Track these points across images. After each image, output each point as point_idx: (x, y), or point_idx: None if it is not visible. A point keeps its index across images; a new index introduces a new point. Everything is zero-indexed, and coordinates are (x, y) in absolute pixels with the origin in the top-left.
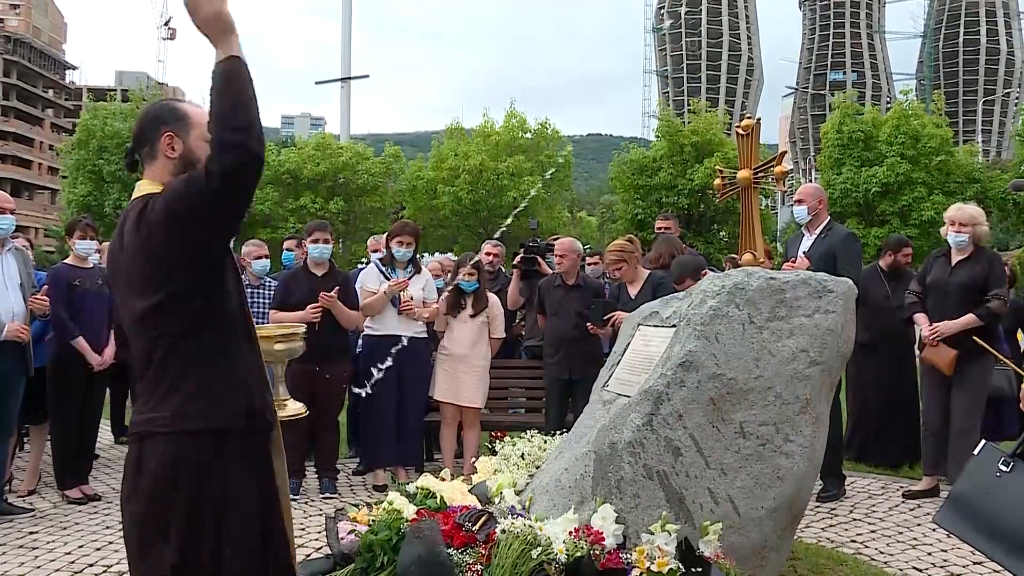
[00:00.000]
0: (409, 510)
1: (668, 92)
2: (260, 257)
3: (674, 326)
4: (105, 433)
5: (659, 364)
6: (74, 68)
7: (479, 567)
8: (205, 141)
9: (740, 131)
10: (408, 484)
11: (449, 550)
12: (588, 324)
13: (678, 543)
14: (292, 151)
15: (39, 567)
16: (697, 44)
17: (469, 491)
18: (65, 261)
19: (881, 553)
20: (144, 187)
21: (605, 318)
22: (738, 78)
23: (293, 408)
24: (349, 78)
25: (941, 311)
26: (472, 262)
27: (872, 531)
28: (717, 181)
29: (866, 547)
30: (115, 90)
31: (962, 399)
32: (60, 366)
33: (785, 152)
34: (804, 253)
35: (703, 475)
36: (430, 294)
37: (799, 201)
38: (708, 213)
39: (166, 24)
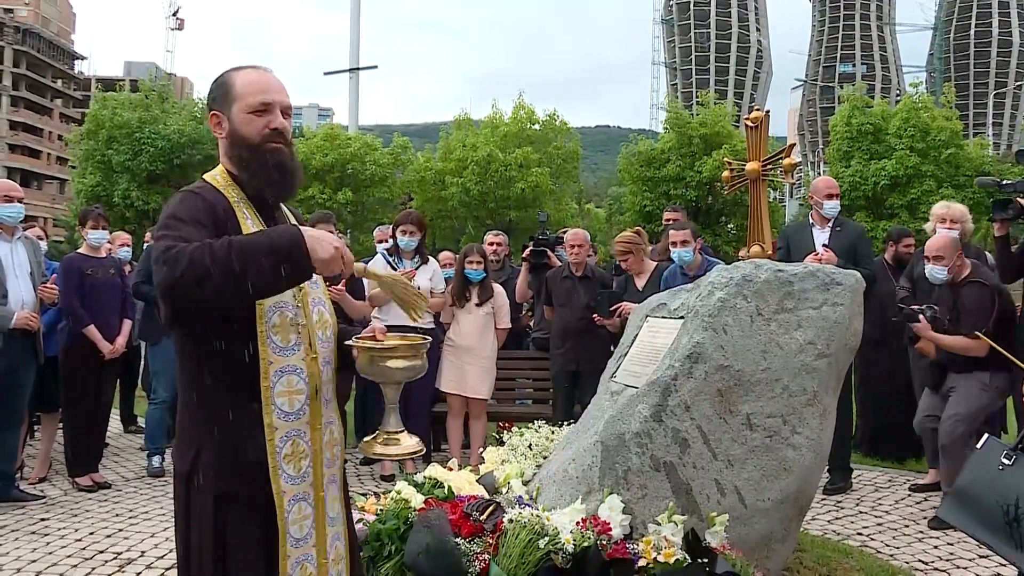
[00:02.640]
0: (417, 499)
1: (676, 84)
2: None
3: (682, 317)
4: (114, 422)
5: (667, 355)
6: (83, 58)
7: (486, 556)
8: (250, 113)
9: (749, 123)
10: (415, 474)
11: (457, 539)
12: (595, 315)
13: (684, 534)
14: (300, 142)
15: (50, 553)
16: (706, 36)
17: (477, 481)
18: (78, 250)
19: (887, 546)
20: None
21: (612, 309)
22: (747, 70)
23: (407, 445)
24: (357, 69)
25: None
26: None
27: (878, 524)
28: (726, 173)
29: (872, 540)
30: (124, 80)
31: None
32: (72, 355)
33: (794, 144)
34: (825, 246)
35: (710, 466)
36: (438, 284)
37: (836, 196)
38: (716, 205)
39: (174, 14)
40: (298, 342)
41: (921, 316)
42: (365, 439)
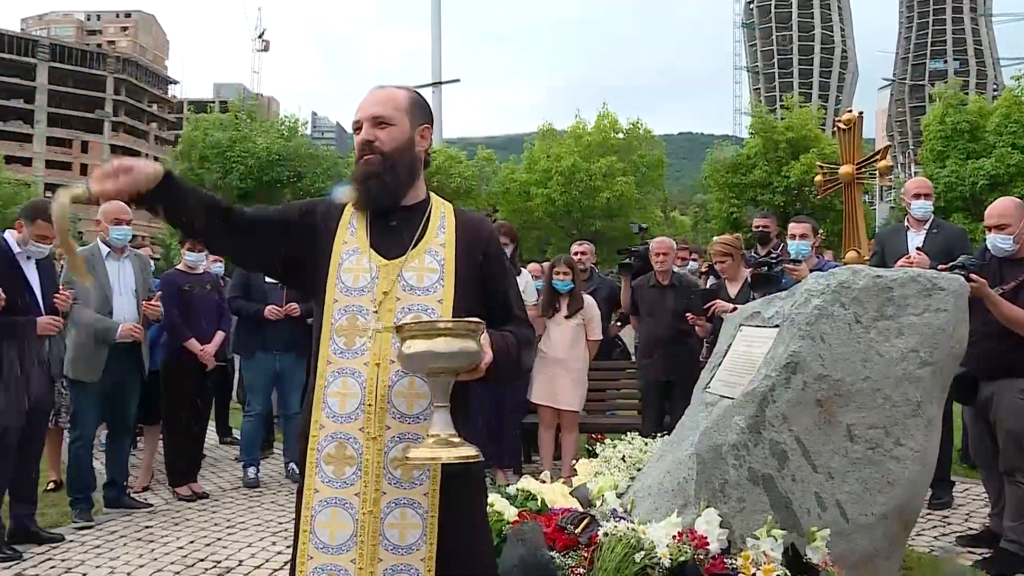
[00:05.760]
0: (510, 512)
1: (759, 88)
2: None
3: (777, 326)
4: (210, 433)
5: (763, 365)
6: (175, 82)
7: (581, 570)
8: (355, 133)
9: (842, 125)
10: (508, 486)
11: (551, 553)
12: (687, 314)
13: (784, 549)
14: None
15: (155, 559)
16: (788, 39)
17: (570, 493)
18: (176, 267)
19: None
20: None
21: (705, 307)
22: (831, 72)
23: (461, 450)
24: (440, 83)
25: None
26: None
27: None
28: (818, 177)
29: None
30: (214, 102)
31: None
32: (172, 369)
33: (889, 146)
34: (919, 249)
35: (810, 479)
36: (529, 296)
37: (925, 196)
38: (805, 210)
39: (260, 36)
40: (365, 347)
41: (972, 273)
42: (411, 447)
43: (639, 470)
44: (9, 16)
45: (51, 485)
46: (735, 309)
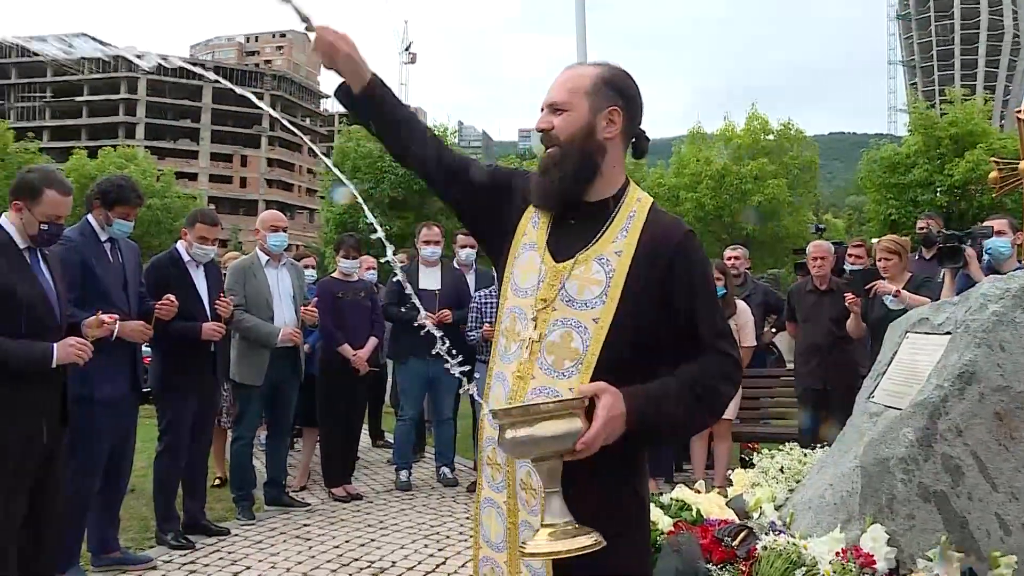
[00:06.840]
0: (665, 522)
1: (916, 83)
2: None
3: (948, 333)
4: (363, 436)
5: (933, 374)
6: (327, 97)
7: None
8: None
9: (1022, 116)
10: (661, 495)
11: (708, 565)
12: (846, 296)
13: (961, 572)
14: (533, 163)
15: (312, 557)
16: (949, 28)
17: (727, 504)
18: (331, 275)
19: None
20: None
21: (866, 287)
22: (999, 60)
23: (579, 540)
24: None
25: None
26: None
27: None
28: (993, 174)
29: None
30: None
31: None
32: (328, 373)
33: None
34: None
35: (989, 499)
36: None
37: None
38: (971, 211)
39: (407, 49)
40: (516, 354)
41: None
42: (528, 541)
43: (798, 482)
44: (179, 44)
45: (217, 481)
46: (898, 292)
